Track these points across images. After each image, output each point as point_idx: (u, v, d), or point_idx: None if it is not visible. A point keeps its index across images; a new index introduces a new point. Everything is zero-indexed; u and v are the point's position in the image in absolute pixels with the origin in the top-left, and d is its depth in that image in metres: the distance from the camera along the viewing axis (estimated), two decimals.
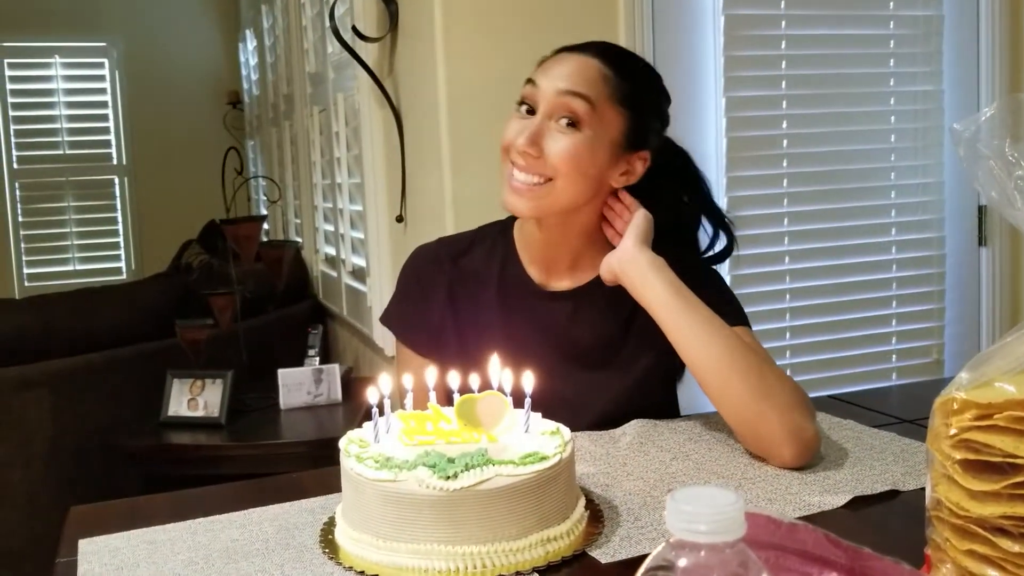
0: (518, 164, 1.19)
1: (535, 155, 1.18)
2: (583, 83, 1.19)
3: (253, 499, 1.06)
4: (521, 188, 1.20)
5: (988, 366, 0.74)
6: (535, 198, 1.20)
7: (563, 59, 1.24)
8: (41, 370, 2.54)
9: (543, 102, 1.19)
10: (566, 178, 1.19)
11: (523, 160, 1.19)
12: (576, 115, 1.18)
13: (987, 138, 0.79)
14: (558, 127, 1.19)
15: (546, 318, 1.29)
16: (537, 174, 1.19)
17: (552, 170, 1.19)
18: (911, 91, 2.34)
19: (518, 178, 1.20)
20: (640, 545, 0.91)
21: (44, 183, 5.65)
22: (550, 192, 1.20)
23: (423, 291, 1.33)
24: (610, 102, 1.21)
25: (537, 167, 1.19)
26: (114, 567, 0.90)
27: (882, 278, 2.36)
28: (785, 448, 1.08)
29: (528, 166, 1.19)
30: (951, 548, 0.72)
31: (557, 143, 1.18)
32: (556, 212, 1.23)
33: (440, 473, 0.85)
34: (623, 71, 1.23)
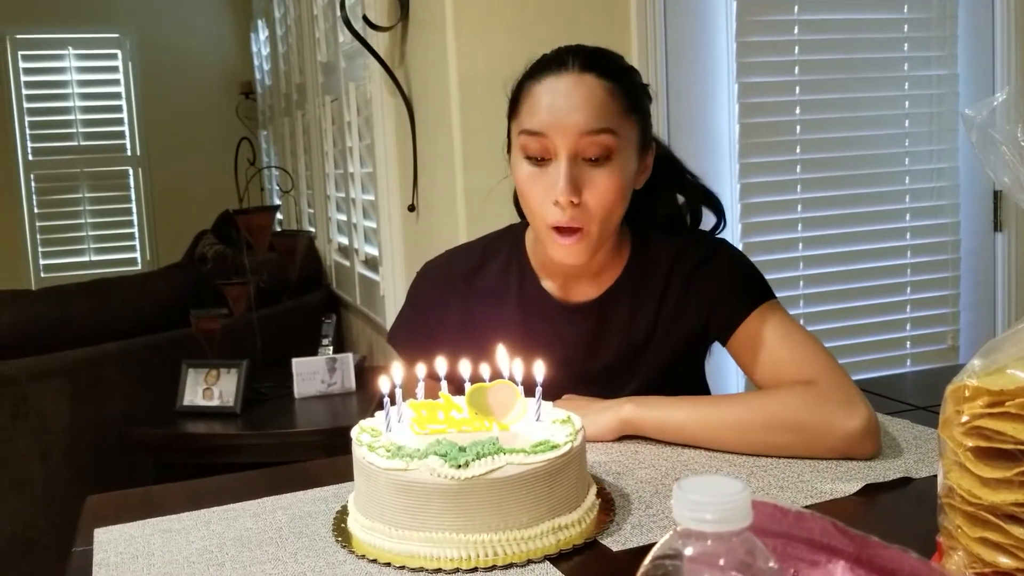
0: (561, 219, 1.12)
1: (578, 203, 1.11)
2: (600, 116, 1.12)
3: (267, 488, 1.07)
4: (571, 243, 1.13)
5: (1000, 353, 0.73)
6: (586, 249, 1.15)
7: (559, 90, 1.13)
8: (58, 360, 2.56)
9: (564, 147, 1.11)
10: (611, 215, 1.15)
11: (568, 212, 1.11)
12: (608, 150, 1.12)
13: (1000, 123, 0.78)
14: (589, 165, 1.12)
15: (571, 333, 1.23)
16: (581, 221, 1.12)
17: (592, 215, 1.13)
18: (925, 75, 2.32)
19: (562, 239, 1.13)
20: (651, 533, 0.91)
21: (59, 174, 5.69)
22: (597, 235, 1.15)
23: (434, 313, 1.27)
24: (624, 117, 1.15)
25: (578, 218, 1.12)
26: (129, 555, 0.91)
27: (896, 264, 2.35)
28: (855, 450, 1.06)
29: (573, 216, 1.12)
30: (963, 535, 0.72)
31: (596, 184, 1.12)
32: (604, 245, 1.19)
33: (451, 462, 0.85)
34: (618, 77, 1.16)
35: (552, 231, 1.14)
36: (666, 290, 1.24)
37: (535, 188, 1.13)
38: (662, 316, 1.23)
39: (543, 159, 1.12)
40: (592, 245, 1.16)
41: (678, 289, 1.24)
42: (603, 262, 1.24)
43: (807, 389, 1.11)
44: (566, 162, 1.11)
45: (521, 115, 1.16)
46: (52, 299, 2.78)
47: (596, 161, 1.12)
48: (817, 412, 1.08)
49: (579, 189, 1.11)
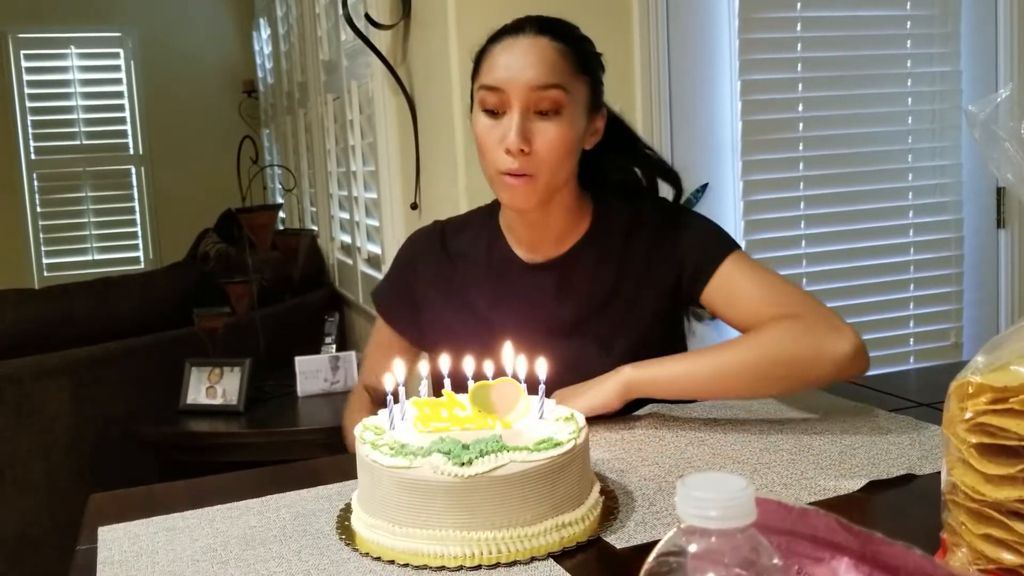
0: (512, 166, 1.20)
1: (528, 152, 1.20)
2: (552, 72, 1.21)
3: (270, 486, 1.07)
4: (520, 184, 1.21)
5: (1004, 349, 0.73)
6: (533, 193, 1.23)
7: (515, 50, 1.22)
8: (61, 359, 2.56)
9: (517, 101, 1.20)
10: (558, 166, 1.23)
11: (518, 160, 1.20)
12: (558, 104, 1.21)
13: (1003, 120, 0.78)
14: (539, 119, 1.21)
15: (535, 291, 1.31)
16: (531, 168, 1.21)
17: (540, 163, 1.21)
18: (928, 72, 2.31)
19: (512, 179, 1.21)
20: (655, 530, 0.91)
21: (61, 173, 5.69)
22: (547, 183, 1.23)
23: (412, 273, 1.39)
24: (574, 76, 1.23)
25: (526, 163, 1.20)
26: (133, 554, 0.92)
27: (899, 261, 2.35)
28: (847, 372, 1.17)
29: (522, 165, 1.20)
30: (967, 532, 0.72)
31: (545, 135, 1.20)
32: (553, 195, 1.26)
33: (455, 459, 0.85)
34: (571, 40, 1.26)
35: (502, 175, 1.22)
36: (627, 250, 1.31)
37: (490, 138, 1.22)
38: (626, 276, 1.30)
39: (498, 112, 1.21)
40: (539, 192, 1.23)
41: (642, 250, 1.31)
42: (565, 225, 1.31)
43: (794, 323, 1.18)
44: (518, 114, 1.20)
45: (481, 73, 1.25)
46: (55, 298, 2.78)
47: (546, 115, 1.20)
48: (808, 342, 1.16)
49: (529, 139, 1.20)
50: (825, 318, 1.18)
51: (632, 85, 2.09)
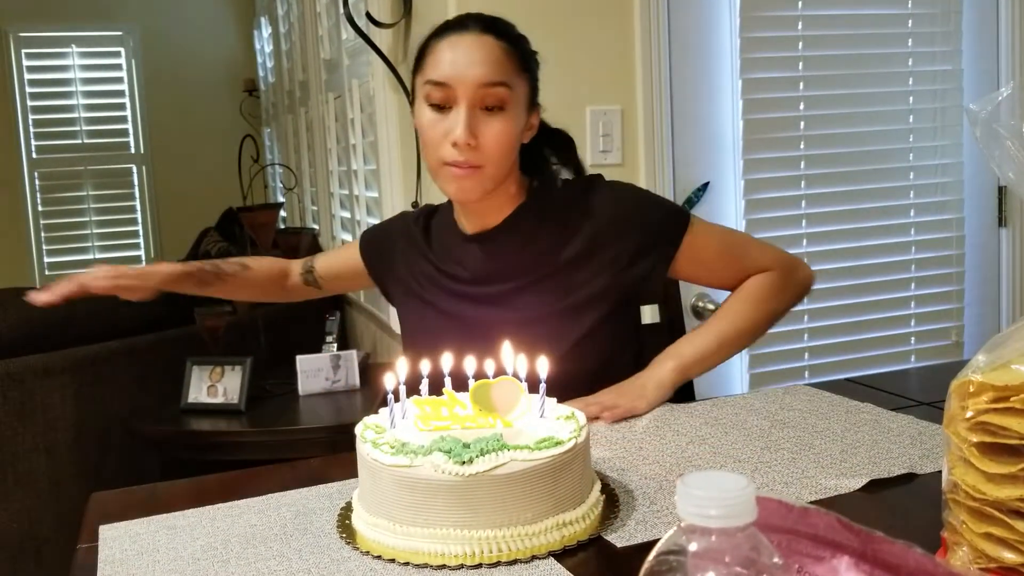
0: (458, 158, 1.25)
1: (475, 145, 1.25)
2: (497, 70, 1.26)
3: (271, 485, 1.07)
4: (463, 175, 1.26)
5: (1005, 348, 0.73)
6: (479, 185, 1.28)
7: (460, 47, 1.27)
8: (63, 357, 2.57)
9: (464, 97, 1.24)
10: (503, 158, 1.28)
11: (464, 153, 1.25)
12: (503, 101, 1.26)
13: (1005, 118, 0.78)
14: (485, 114, 1.26)
15: (471, 260, 1.38)
16: (477, 160, 1.26)
17: (487, 155, 1.26)
18: (930, 71, 2.31)
19: (457, 171, 1.26)
20: (656, 529, 0.91)
21: (63, 172, 5.69)
22: (491, 175, 1.28)
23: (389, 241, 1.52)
24: (517, 74, 1.28)
25: (472, 156, 1.25)
26: (134, 552, 0.92)
27: (901, 260, 2.35)
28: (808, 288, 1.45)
29: (469, 157, 1.25)
30: (967, 531, 0.72)
31: (491, 129, 1.26)
32: (497, 187, 1.32)
33: (455, 458, 0.85)
34: (513, 39, 1.31)
35: (448, 167, 1.27)
36: (568, 225, 1.35)
37: (435, 131, 1.27)
38: (566, 250, 1.34)
39: (444, 106, 1.26)
40: (485, 183, 1.29)
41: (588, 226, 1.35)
42: (503, 201, 1.36)
43: (774, 275, 1.39)
44: (466, 109, 1.25)
45: (426, 68, 1.29)
46: None
47: (491, 110, 1.26)
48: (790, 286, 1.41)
49: (476, 133, 1.25)
50: (786, 260, 1.42)
51: (633, 84, 2.09)
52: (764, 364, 2.24)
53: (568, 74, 2.05)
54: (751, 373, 2.23)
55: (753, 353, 2.23)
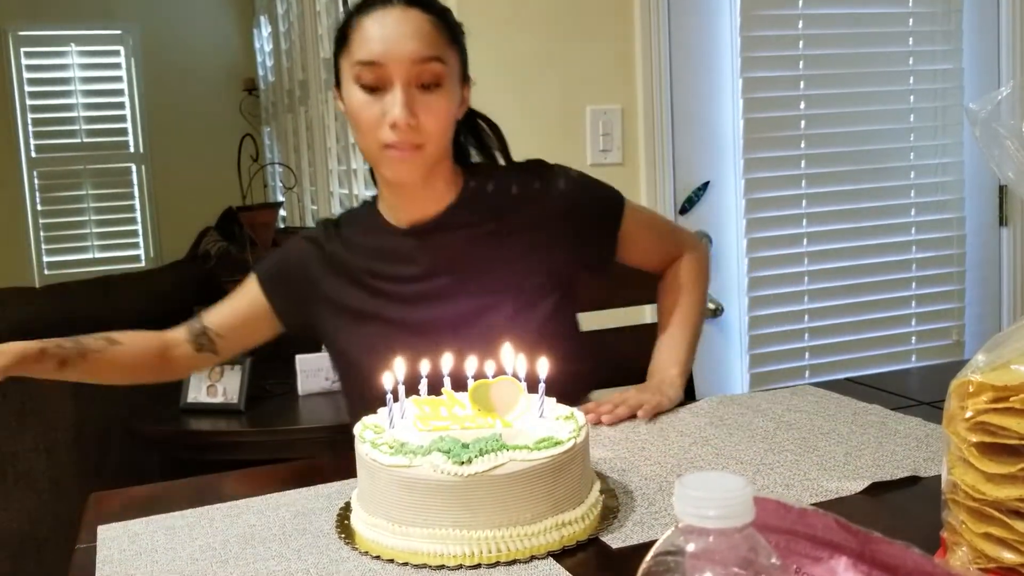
0: (397, 139, 1.19)
1: (415, 125, 1.19)
2: (429, 45, 1.20)
3: (271, 485, 1.07)
4: (404, 157, 1.21)
5: (1005, 348, 0.73)
6: (421, 165, 1.23)
7: (387, 22, 1.21)
8: None
9: (398, 75, 1.19)
10: (442, 135, 1.24)
11: (404, 134, 1.19)
12: (438, 77, 1.21)
13: (1005, 117, 0.77)
14: (421, 91, 1.20)
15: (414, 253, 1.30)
16: (416, 140, 1.20)
17: (427, 134, 1.21)
18: (930, 70, 2.31)
19: (398, 153, 1.21)
20: (653, 530, 0.91)
21: (62, 171, 5.69)
22: (432, 153, 1.23)
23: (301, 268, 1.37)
24: (448, 47, 1.24)
25: (413, 136, 1.20)
26: (133, 553, 0.91)
27: (901, 259, 2.34)
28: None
29: (409, 137, 1.20)
30: (967, 531, 0.71)
31: (429, 109, 1.20)
32: (435, 166, 1.27)
33: (454, 458, 0.85)
34: (439, 12, 1.25)
35: (387, 149, 1.21)
36: (506, 213, 1.32)
37: (370, 113, 1.20)
38: (506, 239, 1.31)
39: (377, 87, 1.20)
40: (427, 162, 1.24)
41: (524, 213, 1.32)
42: (441, 188, 1.31)
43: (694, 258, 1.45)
44: (402, 88, 1.18)
45: (352, 48, 1.23)
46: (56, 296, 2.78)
47: (428, 87, 1.20)
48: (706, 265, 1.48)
49: (415, 112, 1.19)
50: (697, 240, 1.49)
51: (633, 83, 2.09)
52: (764, 364, 2.24)
53: (568, 73, 2.05)
54: (751, 373, 2.23)
55: (753, 353, 2.22)
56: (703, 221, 2.19)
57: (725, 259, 2.21)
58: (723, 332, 2.23)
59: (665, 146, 2.11)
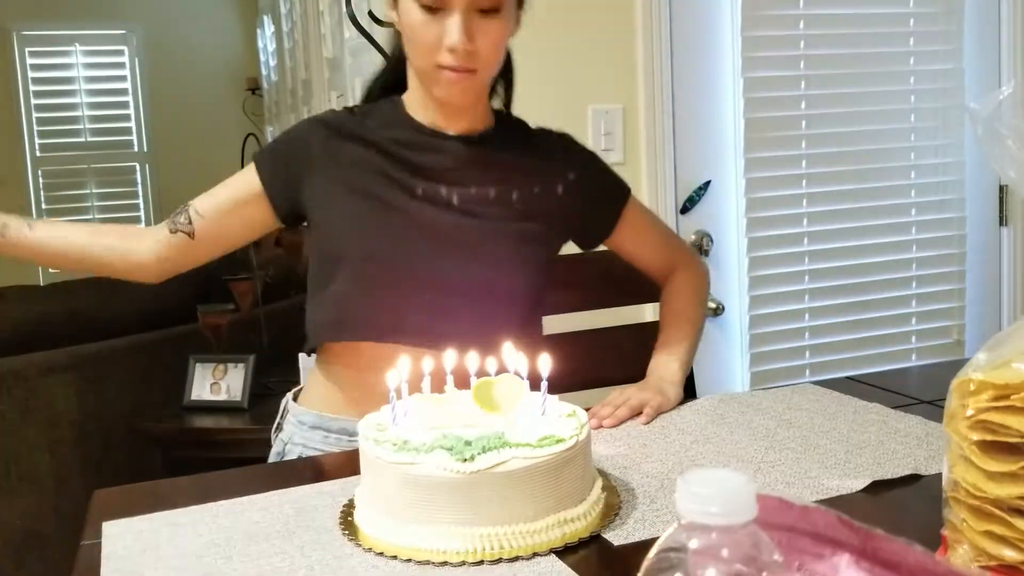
0: (454, 63, 1.20)
1: (472, 50, 1.20)
2: None
3: (274, 482, 1.07)
4: (458, 80, 1.22)
5: (1006, 347, 0.74)
6: (472, 88, 1.25)
7: None
8: (67, 355, 2.57)
9: (460, 1, 1.19)
10: (496, 61, 1.26)
11: (462, 58, 1.20)
12: (498, 3, 1.21)
13: (1006, 117, 0.78)
14: (480, 16, 1.21)
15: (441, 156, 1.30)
16: (472, 65, 1.21)
17: (483, 59, 1.22)
18: (931, 70, 2.31)
19: (453, 75, 1.21)
20: (654, 528, 0.91)
21: (66, 170, 5.70)
22: (485, 77, 1.26)
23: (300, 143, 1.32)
24: None
25: (470, 60, 1.21)
26: (137, 549, 0.92)
27: (902, 258, 2.35)
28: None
29: (465, 62, 1.21)
30: (968, 529, 0.72)
31: (487, 35, 1.21)
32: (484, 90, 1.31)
33: (457, 456, 0.86)
34: None
35: (442, 69, 1.22)
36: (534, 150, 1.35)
37: (427, 33, 1.21)
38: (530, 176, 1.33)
39: (436, 8, 1.20)
40: (478, 86, 1.27)
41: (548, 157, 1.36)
42: (480, 114, 1.33)
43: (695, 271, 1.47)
44: (462, 12, 1.19)
45: None
46: (60, 294, 2.79)
47: (487, 12, 1.21)
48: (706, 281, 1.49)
49: (472, 37, 1.20)
50: (698, 257, 1.52)
51: (635, 82, 2.09)
52: (765, 362, 2.24)
53: (570, 72, 2.05)
54: (752, 371, 2.23)
55: (754, 351, 2.23)
56: (704, 220, 2.19)
57: (726, 258, 2.21)
58: (724, 331, 2.24)
59: (666, 145, 2.12)
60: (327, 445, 1.28)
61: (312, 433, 1.30)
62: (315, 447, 1.29)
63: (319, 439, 1.29)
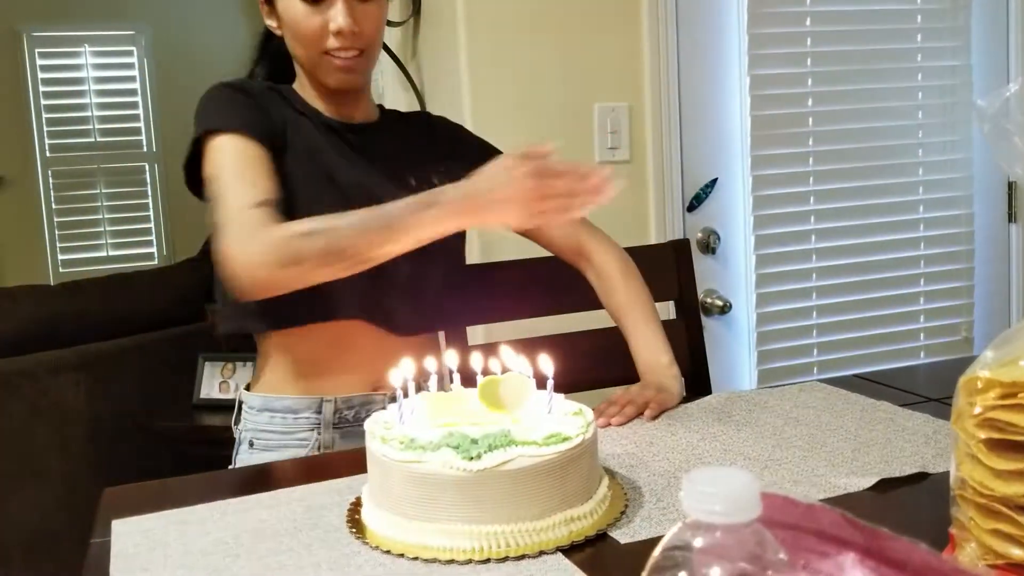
0: (340, 45, 1.27)
1: (358, 32, 1.28)
2: None
3: (281, 480, 1.08)
4: (349, 65, 1.30)
5: (1014, 345, 0.73)
6: (362, 71, 1.33)
7: None
8: (77, 354, 2.58)
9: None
10: (378, 41, 1.34)
11: (348, 40, 1.27)
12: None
13: (1013, 113, 0.78)
14: (361, 3, 1.28)
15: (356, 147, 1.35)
16: (356, 49, 1.29)
17: (367, 40, 1.30)
18: (939, 66, 2.30)
19: (344, 56, 1.29)
20: (661, 526, 0.91)
21: (76, 171, 5.72)
22: (371, 57, 1.34)
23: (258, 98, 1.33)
24: None
25: (356, 41, 1.29)
26: (146, 547, 0.92)
27: (910, 256, 2.34)
28: None
29: (351, 43, 1.28)
30: (975, 527, 0.72)
31: (369, 17, 1.29)
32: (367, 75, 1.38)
33: (464, 454, 0.86)
34: None
35: (329, 56, 1.29)
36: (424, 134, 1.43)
37: (311, 23, 1.28)
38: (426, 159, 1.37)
39: (317, 1, 1.27)
40: (366, 67, 1.34)
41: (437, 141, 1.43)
42: (366, 103, 1.41)
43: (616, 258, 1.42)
44: (344, 1, 1.26)
45: None
46: (70, 293, 2.80)
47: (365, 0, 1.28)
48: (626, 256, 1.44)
49: (358, 21, 1.28)
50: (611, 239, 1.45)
51: (641, 80, 2.09)
52: (772, 360, 2.24)
53: (576, 70, 2.05)
54: (759, 369, 2.23)
55: (761, 349, 2.23)
56: (711, 218, 2.19)
57: (733, 256, 2.21)
58: (731, 329, 2.23)
59: (673, 143, 2.11)
60: (273, 426, 1.31)
61: (259, 416, 1.33)
62: (264, 430, 1.32)
63: (265, 421, 1.32)
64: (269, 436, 1.31)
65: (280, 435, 1.29)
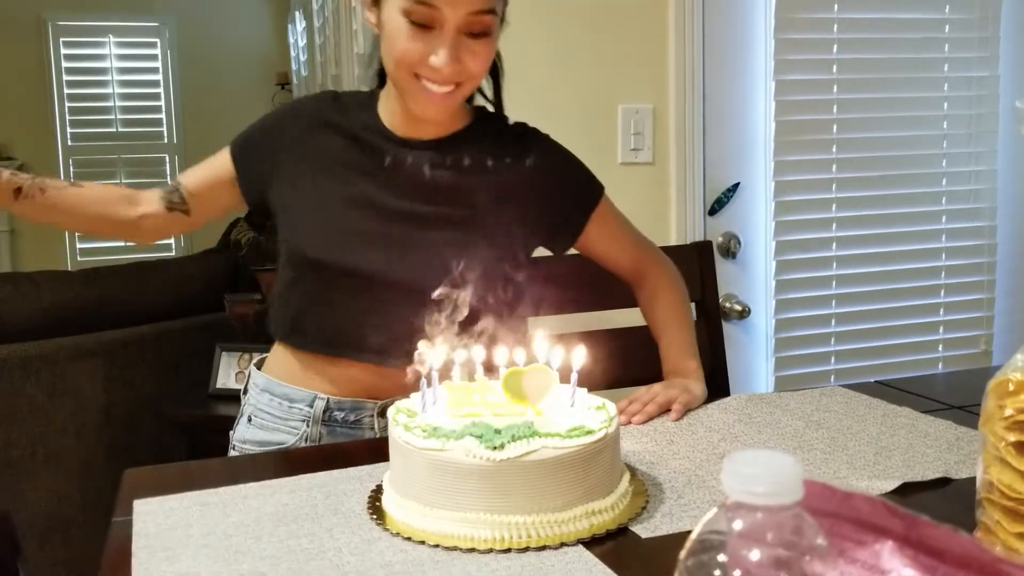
0: (436, 78, 1.20)
1: (458, 70, 1.20)
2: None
3: (303, 466, 1.08)
4: (439, 97, 1.22)
5: None
6: (455, 102, 1.26)
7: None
8: (95, 340, 2.60)
9: (453, 23, 1.18)
10: (479, 79, 1.27)
11: (446, 77, 1.20)
12: (489, 27, 1.21)
13: None
14: (470, 38, 1.20)
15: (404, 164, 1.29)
16: (458, 78, 1.22)
17: (469, 76, 1.23)
18: (966, 77, 2.29)
19: (437, 90, 1.21)
20: (682, 522, 0.91)
21: (97, 160, 5.76)
22: (465, 94, 1.26)
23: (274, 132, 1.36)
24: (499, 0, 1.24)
25: (455, 78, 1.21)
26: (168, 527, 0.93)
27: (931, 266, 2.33)
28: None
29: (448, 80, 1.21)
30: (1001, 530, 0.71)
31: (476, 55, 1.21)
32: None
33: (487, 443, 0.86)
34: None
35: (422, 81, 1.21)
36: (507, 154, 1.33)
37: (412, 46, 1.19)
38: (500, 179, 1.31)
39: (427, 26, 1.19)
40: (457, 102, 1.27)
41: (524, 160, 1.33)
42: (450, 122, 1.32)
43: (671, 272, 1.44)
44: (453, 35, 1.19)
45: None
46: (90, 281, 2.82)
47: (476, 36, 1.21)
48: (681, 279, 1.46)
49: (460, 58, 1.20)
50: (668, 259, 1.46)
51: (666, 83, 2.09)
52: (790, 367, 2.23)
53: (600, 72, 2.05)
54: (776, 376, 2.22)
55: (779, 356, 2.22)
56: (732, 222, 2.19)
57: (753, 261, 2.21)
58: (749, 334, 2.23)
59: (696, 146, 2.11)
60: (271, 408, 1.33)
61: (261, 396, 1.35)
62: (262, 409, 1.34)
63: (265, 401, 1.34)
64: (265, 416, 1.34)
65: (275, 418, 1.32)
